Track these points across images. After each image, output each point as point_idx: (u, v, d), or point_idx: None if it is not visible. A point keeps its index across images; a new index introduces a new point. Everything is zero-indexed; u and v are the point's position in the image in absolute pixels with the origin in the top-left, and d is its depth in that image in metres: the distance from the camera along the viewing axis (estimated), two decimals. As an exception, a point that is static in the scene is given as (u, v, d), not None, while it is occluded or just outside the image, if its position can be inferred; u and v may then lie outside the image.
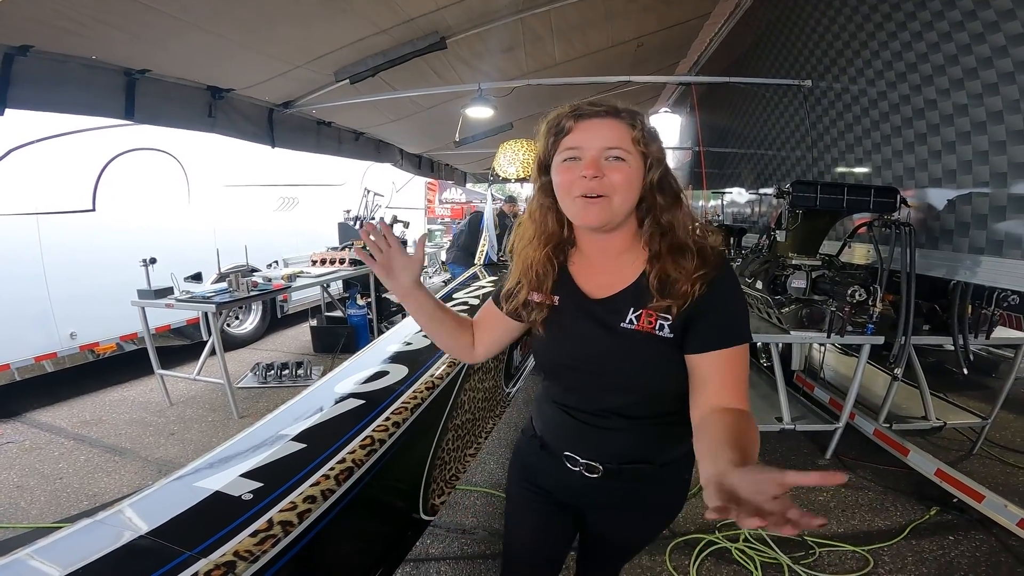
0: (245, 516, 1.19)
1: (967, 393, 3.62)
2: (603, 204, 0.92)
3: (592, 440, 1.07)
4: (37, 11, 2.26)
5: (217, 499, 1.26)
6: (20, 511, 2.75)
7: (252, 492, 1.28)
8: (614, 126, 0.93)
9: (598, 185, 0.91)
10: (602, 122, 0.93)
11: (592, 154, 0.91)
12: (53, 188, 4.11)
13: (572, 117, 0.94)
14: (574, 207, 0.95)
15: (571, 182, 0.93)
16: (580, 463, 1.08)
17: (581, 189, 0.92)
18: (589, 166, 0.91)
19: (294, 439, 1.51)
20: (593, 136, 0.92)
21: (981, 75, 2.24)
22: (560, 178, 0.96)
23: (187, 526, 1.16)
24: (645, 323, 0.95)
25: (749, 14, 4.80)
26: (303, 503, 1.27)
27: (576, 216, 0.96)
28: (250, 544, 1.11)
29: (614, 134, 0.92)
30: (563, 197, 0.97)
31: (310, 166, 6.72)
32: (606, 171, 0.91)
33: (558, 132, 0.96)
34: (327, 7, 2.90)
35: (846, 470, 3.08)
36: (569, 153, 0.94)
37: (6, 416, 3.93)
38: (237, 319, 6.02)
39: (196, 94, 3.47)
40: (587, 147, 0.92)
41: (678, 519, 2.61)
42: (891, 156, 2.86)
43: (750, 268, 3.13)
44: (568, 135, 0.94)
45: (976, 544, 2.42)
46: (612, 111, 0.94)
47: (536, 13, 3.68)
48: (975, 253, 2.33)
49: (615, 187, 0.91)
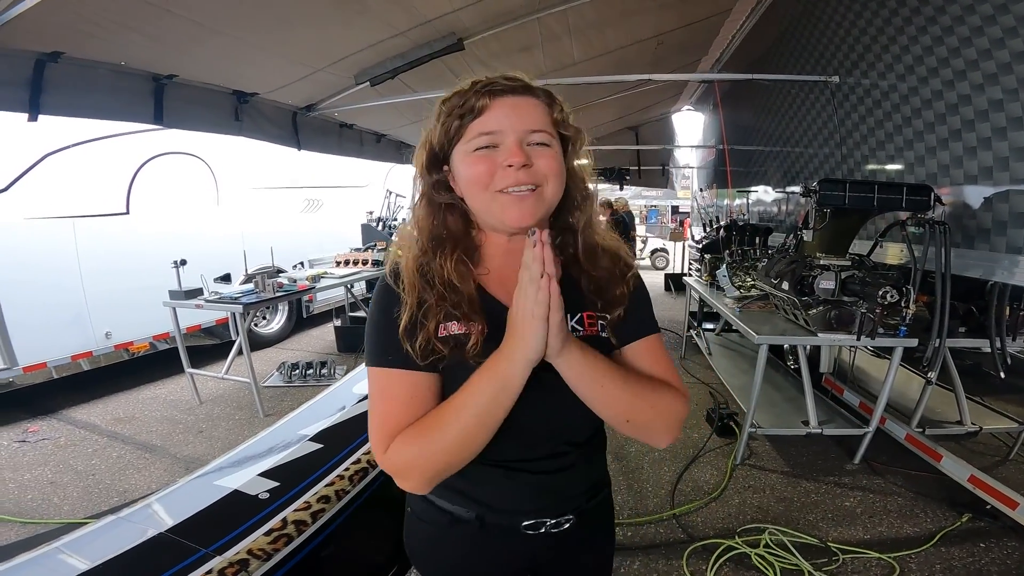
0: (261, 515, 1.22)
1: (1005, 396, 3.47)
2: (537, 197, 0.77)
3: (551, 489, 0.86)
4: (65, 16, 2.33)
5: (235, 497, 1.30)
6: (52, 506, 2.85)
7: (269, 491, 1.31)
8: (534, 105, 0.78)
9: (527, 175, 0.75)
10: (521, 100, 0.77)
11: (514, 138, 0.75)
12: (88, 192, 4.28)
13: (484, 94, 0.76)
14: (497, 205, 0.77)
15: (489, 174, 0.76)
16: (547, 524, 0.86)
17: (508, 182, 0.75)
18: (515, 153, 0.74)
19: (312, 439, 1.55)
20: (513, 116, 0.76)
21: (1016, 70, 2.15)
22: (473, 170, 0.77)
23: (205, 524, 1.19)
24: (588, 327, 0.84)
25: (772, 9, 4.70)
26: (317, 503, 1.29)
27: (504, 215, 0.77)
28: (264, 543, 1.14)
29: (536, 114, 0.78)
30: (477, 193, 0.78)
31: (334, 168, 6.83)
32: (533, 157, 0.76)
33: (464, 114, 0.77)
34: (343, 10, 2.94)
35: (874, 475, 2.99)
36: (484, 140, 0.76)
37: (43, 413, 4.10)
38: (264, 319, 6.16)
39: (222, 98, 3.57)
40: (507, 130, 0.75)
41: (696, 523, 2.58)
42: (924, 153, 2.75)
43: (776, 268, 3.05)
44: (479, 117, 0.76)
45: (1008, 551, 2.33)
46: (528, 87, 0.79)
47: (553, 12, 3.66)
48: (1013, 253, 2.23)
49: (546, 175, 0.77)
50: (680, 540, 2.47)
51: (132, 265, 4.56)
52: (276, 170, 6.10)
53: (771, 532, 2.46)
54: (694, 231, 8.81)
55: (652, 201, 19.60)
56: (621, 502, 2.79)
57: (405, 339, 0.75)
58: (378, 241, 6.29)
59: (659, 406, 0.80)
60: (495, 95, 0.76)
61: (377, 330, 0.80)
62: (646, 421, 0.80)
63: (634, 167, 9.35)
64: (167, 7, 2.45)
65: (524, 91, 0.78)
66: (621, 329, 0.85)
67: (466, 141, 0.77)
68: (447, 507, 0.86)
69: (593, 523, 0.93)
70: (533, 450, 0.82)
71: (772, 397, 3.57)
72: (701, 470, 3.12)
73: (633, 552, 2.39)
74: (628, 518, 2.65)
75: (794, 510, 2.69)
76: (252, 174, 5.85)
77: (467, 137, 0.77)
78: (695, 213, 9.42)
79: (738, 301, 3.68)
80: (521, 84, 0.78)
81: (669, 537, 2.50)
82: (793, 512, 2.68)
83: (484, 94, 0.76)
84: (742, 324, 3.14)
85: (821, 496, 2.82)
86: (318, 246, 6.62)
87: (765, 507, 2.72)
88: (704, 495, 2.84)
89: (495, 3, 3.36)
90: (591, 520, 0.92)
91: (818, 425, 3.01)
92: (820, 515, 2.65)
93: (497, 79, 0.77)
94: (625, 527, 2.58)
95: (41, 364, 3.96)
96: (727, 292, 3.98)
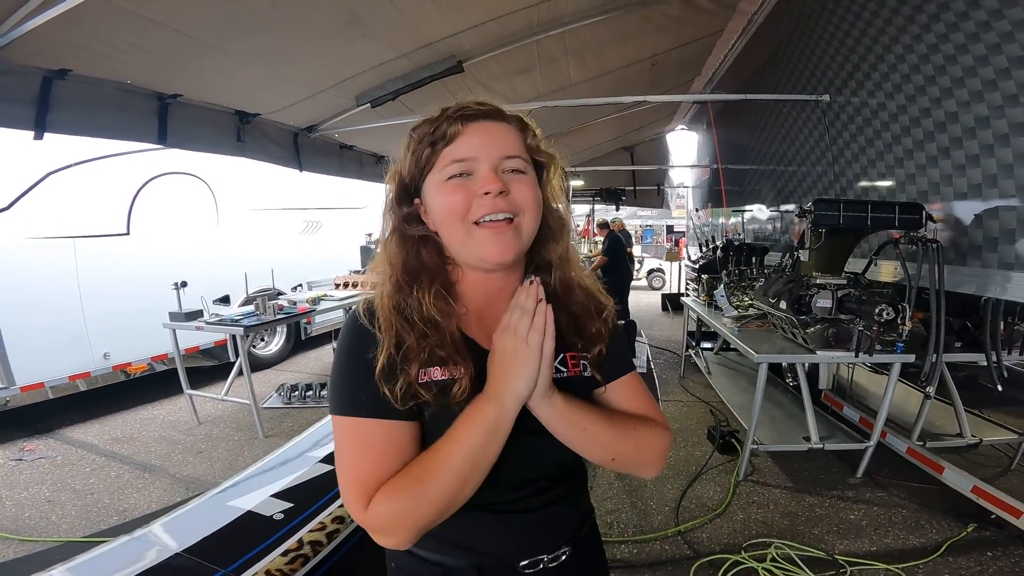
0: (277, 535, 1.22)
1: (1003, 408, 3.52)
2: (515, 231, 0.73)
3: (544, 524, 0.81)
4: (75, 35, 2.33)
5: (250, 518, 1.30)
6: (51, 525, 2.82)
7: (283, 512, 1.31)
8: (507, 130, 0.76)
9: (506, 203, 0.72)
10: (494, 125, 0.75)
11: (489, 165, 0.72)
12: (89, 212, 4.29)
13: (457, 119, 0.73)
14: (474, 241, 0.73)
15: (464, 205, 0.72)
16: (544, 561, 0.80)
17: (484, 210, 0.71)
18: (491, 180, 0.71)
19: (322, 461, 1.55)
20: (487, 143, 0.73)
21: (1001, 87, 2.22)
22: (447, 200, 0.73)
23: (221, 544, 1.19)
24: (572, 367, 0.81)
25: (763, 29, 4.79)
26: (332, 523, 1.29)
27: (482, 251, 0.73)
28: (281, 563, 1.14)
29: (510, 139, 0.75)
30: (453, 226, 0.73)
31: (333, 189, 6.86)
32: (509, 185, 0.72)
33: (435, 141, 0.73)
34: (347, 32, 2.99)
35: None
36: (458, 167, 0.72)
37: (39, 432, 4.06)
38: (263, 340, 6.14)
39: (225, 118, 3.59)
40: (481, 156, 0.72)
41: (702, 539, 2.57)
42: (914, 170, 2.81)
43: (773, 288, 3.09)
44: (451, 143, 0.73)
45: (1016, 559, 2.36)
46: (501, 113, 0.77)
47: (551, 35, 3.75)
48: (1005, 269, 2.27)
49: (523, 204, 0.73)
50: (686, 556, 2.47)
51: (132, 285, 4.56)
52: (275, 191, 6.13)
53: (777, 546, 2.46)
54: (690, 251, 8.89)
55: (648, 220, 19.77)
56: (626, 520, 2.79)
57: (382, 383, 0.68)
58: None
59: (642, 443, 0.79)
60: (467, 120, 0.73)
61: (347, 374, 0.73)
62: (631, 457, 0.80)
63: (630, 187, 9.45)
64: (178, 28, 2.48)
65: (496, 116, 0.76)
66: (601, 368, 0.83)
67: (438, 170, 0.74)
68: (437, 559, 0.78)
69: (587, 552, 0.89)
70: (520, 489, 0.77)
71: (773, 414, 3.59)
72: (704, 487, 3.12)
73: (640, 569, 2.39)
74: (633, 535, 2.64)
75: (799, 524, 2.70)
76: (252, 195, 5.88)
77: (439, 165, 0.74)
78: (691, 233, 9.52)
79: (736, 320, 3.72)
80: (493, 109, 0.76)
81: (675, 553, 2.50)
82: (798, 526, 2.68)
83: (456, 120, 0.73)
84: (741, 343, 3.17)
85: (825, 510, 2.83)
86: (317, 268, 6.63)
87: (770, 522, 2.73)
88: (708, 511, 2.84)
89: (495, 26, 3.44)
90: (585, 549, 0.88)
91: (819, 440, 3.03)
92: (825, 528, 2.65)
93: (468, 104, 0.75)
94: (631, 544, 2.57)
95: (38, 384, 3.93)
96: (725, 312, 4.02)
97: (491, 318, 0.76)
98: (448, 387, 0.70)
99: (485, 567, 0.78)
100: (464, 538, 0.77)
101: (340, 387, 0.73)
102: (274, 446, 3.71)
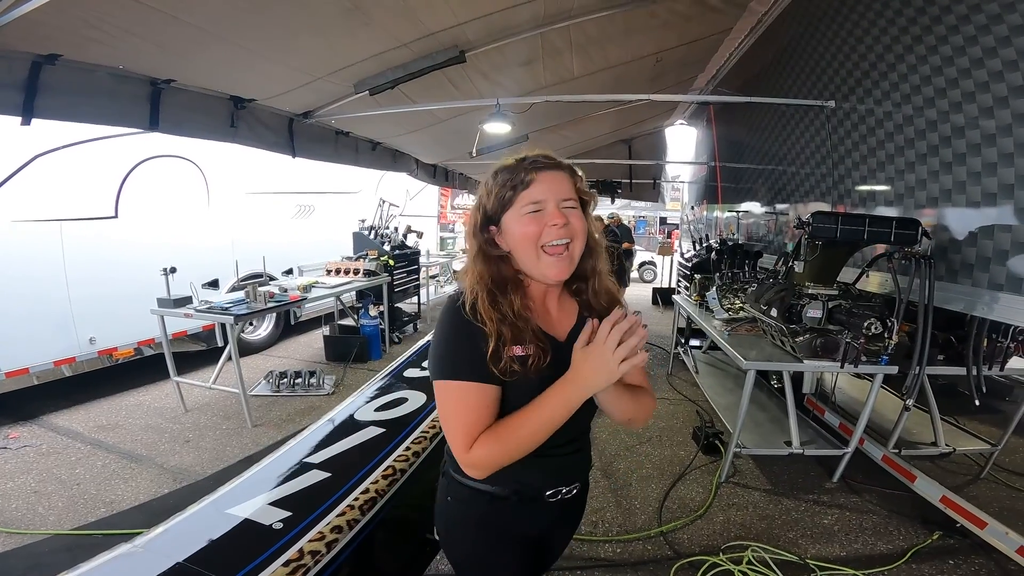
0: (277, 545, 1.23)
1: (979, 416, 3.62)
2: (569, 257, 1.02)
3: (569, 466, 1.17)
4: (66, 20, 2.28)
5: (248, 527, 1.31)
6: (38, 516, 2.79)
7: (282, 521, 1.32)
8: (564, 178, 1.04)
9: (566, 231, 1.00)
10: (556, 174, 1.03)
11: (554, 204, 1.01)
12: (76, 195, 4.18)
13: (533, 170, 1.01)
14: (540, 264, 1.02)
15: (538, 232, 1.00)
16: (562, 492, 1.15)
17: (552, 236, 1.00)
18: (557, 215, 1.00)
19: (319, 468, 1.55)
20: (554, 188, 1.01)
21: (1012, 104, 2.21)
22: (525, 229, 1.00)
23: (222, 554, 1.20)
24: None
25: (771, 30, 4.73)
26: (331, 533, 1.30)
27: (546, 272, 1.02)
28: (283, 574, 1.15)
29: (567, 185, 1.03)
30: (527, 248, 1.01)
31: (326, 174, 6.75)
32: (567, 217, 1.01)
33: (516, 185, 1.01)
34: (349, 21, 2.93)
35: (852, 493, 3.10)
36: (534, 207, 1.00)
37: (23, 419, 4.00)
38: (251, 325, 6.07)
39: (219, 104, 3.52)
40: (549, 199, 1.01)
41: (683, 540, 2.65)
42: (914, 184, 2.83)
43: (766, 295, 3.13)
44: (528, 188, 1.00)
45: (975, 568, 2.45)
46: (559, 164, 1.04)
47: (556, 28, 3.70)
48: (994, 289, 2.32)
49: (576, 232, 1.02)
50: (667, 557, 2.54)
51: (119, 269, 4.46)
52: (268, 175, 6.01)
53: (754, 549, 2.54)
54: (683, 246, 8.92)
55: (641, 212, 19.74)
56: (610, 519, 2.84)
57: (491, 363, 0.95)
58: (369, 250, 6.23)
59: (647, 407, 1.13)
60: (538, 170, 1.01)
61: (457, 350, 0.99)
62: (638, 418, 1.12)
63: (626, 180, 9.43)
64: (175, 14, 2.42)
65: (557, 167, 1.04)
66: None
67: (518, 207, 1.01)
68: (486, 488, 1.09)
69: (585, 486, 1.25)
70: (557, 439, 1.01)
71: (756, 417, 3.66)
72: (687, 488, 3.19)
73: (623, 569, 2.45)
74: (618, 535, 2.70)
75: (775, 528, 2.78)
76: (243, 178, 5.76)
77: (518, 204, 1.01)
78: (685, 228, 9.55)
79: (727, 323, 3.76)
80: (555, 162, 1.04)
81: (657, 554, 2.57)
82: (775, 529, 2.76)
83: (531, 169, 1.01)
84: (731, 348, 3.21)
85: (801, 514, 2.91)
86: (309, 253, 6.55)
87: (748, 524, 2.81)
88: (690, 512, 2.91)
89: (499, 18, 3.38)
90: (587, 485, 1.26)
91: (800, 446, 3.10)
92: (800, 532, 2.74)
93: (538, 158, 1.03)
94: (615, 544, 2.63)
95: (24, 370, 3.86)
96: (716, 314, 4.06)
97: (545, 312, 1.09)
98: (526, 361, 0.98)
99: (521, 494, 1.11)
100: (512, 473, 1.02)
101: (448, 359, 1.00)
102: (262, 435, 3.75)
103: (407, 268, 6.80)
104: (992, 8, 2.28)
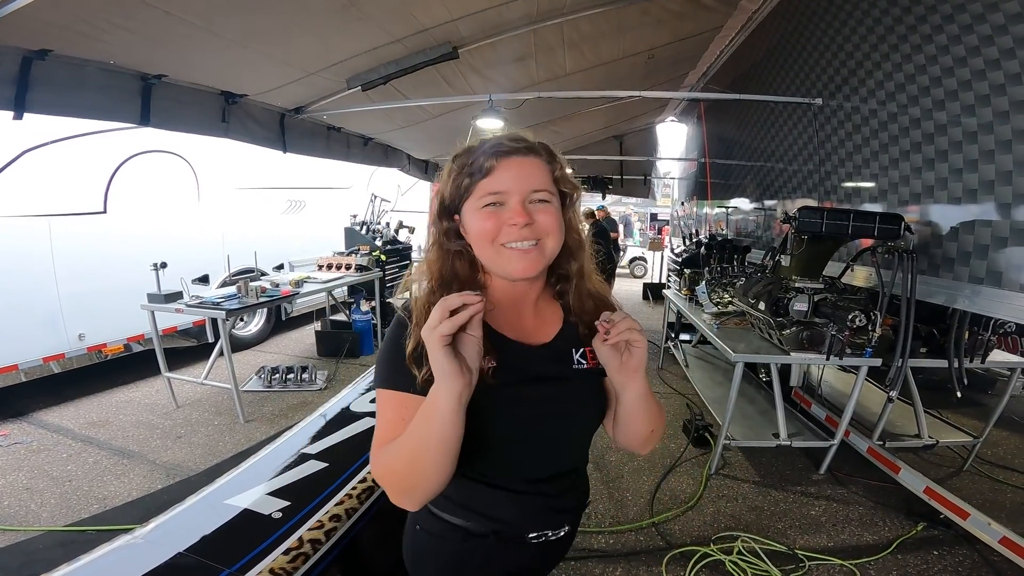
0: (277, 534, 1.25)
1: (961, 410, 3.69)
2: (539, 251, 0.84)
3: (556, 507, 0.96)
4: (57, 15, 2.28)
5: (248, 516, 1.33)
6: (31, 514, 2.78)
7: (281, 511, 1.34)
8: (537, 165, 0.85)
9: (529, 232, 0.82)
10: (525, 160, 0.84)
11: (518, 199, 0.82)
12: (65, 190, 4.14)
13: (492, 155, 0.83)
14: (501, 258, 0.84)
15: (495, 230, 0.83)
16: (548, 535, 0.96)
17: (511, 237, 0.82)
18: (519, 213, 0.81)
19: (316, 457, 1.58)
20: (518, 178, 0.83)
21: (993, 102, 2.26)
22: (480, 225, 0.84)
23: (223, 543, 1.22)
24: (591, 360, 0.92)
25: (761, 28, 4.78)
26: (329, 521, 1.33)
27: (507, 267, 0.85)
28: (283, 562, 1.18)
29: (538, 174, 0.85)
30: (484, 246, 0.85)
31: (317, 169, 6.71)
32: (534, 214, 0.83)
33: (473, 172, 0.83)
34: (343, 16, 2.94)
35: (839, 486, 3.17)
36: (491, 199, 0.83)
37: (12, 416, 3.96)
38: (242, 320, 6.04)
39: (210, 99, 3.50)
40: (512, 191, 0.82)
41: (674, 531, 2.69)
42: (898, 180, 2.89)
43: (754, 289, 3.18)
44: (487, 177, 0.83)
45: (959, 559, 2.51)
46: (532, 148, 0.86)
47: (548, 25, 3.73)
48: (974, 283, 2.38)
49: (546, 231, 0.84)
50: (659, 547, 2.58)
51: (108, 265, 4.43)
52: (258, 170, 5.97)
53: (743, 540, 2.60)
54: (673, 242, 8.99)
55: (631, 207, 19.84)
56: (603, 511, 2.88)
57: (412, 365, 0.79)
58: (361, 245, 6.22)
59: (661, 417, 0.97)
60: (501, 156, 0.83)
61: (386, 356, 0.86)
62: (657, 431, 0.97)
63: (617, 176, 9.48)
64: (167, 9, 2.42)
65: (527, 151, 0.85)
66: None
67: (475, 198, 0.84)
68: (461, 524, 0.92)
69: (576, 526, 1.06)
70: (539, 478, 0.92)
71: (745, 410, 3.72)
72: (678, 479, 3.24)
73: (616, 559, 2.49)
74: (610, 526, 2.74)
75: (764, 518, 2.84)
76: (234, 173, 5.72)
77: (476, 195, 0.84)
78: (675, 224, 9.63)
79: (716, 317, 3.82)
80: (525, 145, 0.85)
81: (649, 544, 2.61)
82: (764, 520, 2.82)
83: (491, 155, 0.82)
84: (720, 342, 3.27)
85: (789, 505, 2.97)
86: (300, 248, 6.52)
87: (738, 515, 2.86)
88: (681, 504, 2.96)
89: (493, 14, 3.40)
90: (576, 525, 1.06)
91: (787, 438, 3.15)
92: (788, 523, 2.80)
93: (502, 140, 0.85)
94: (607, 535, 2.67)
95: (12, 367, 3.82)
96: (705, 308, 4.11)
97: (515, 316, 0.91)
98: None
99: (500, 534, 0.92)
100: (491, 511, 0.91)
101: (379, 366, 0.87)
102: (255, 431, 3.75)
103: (399, 263, 6.80)
104: (976, 8, 2.33)
